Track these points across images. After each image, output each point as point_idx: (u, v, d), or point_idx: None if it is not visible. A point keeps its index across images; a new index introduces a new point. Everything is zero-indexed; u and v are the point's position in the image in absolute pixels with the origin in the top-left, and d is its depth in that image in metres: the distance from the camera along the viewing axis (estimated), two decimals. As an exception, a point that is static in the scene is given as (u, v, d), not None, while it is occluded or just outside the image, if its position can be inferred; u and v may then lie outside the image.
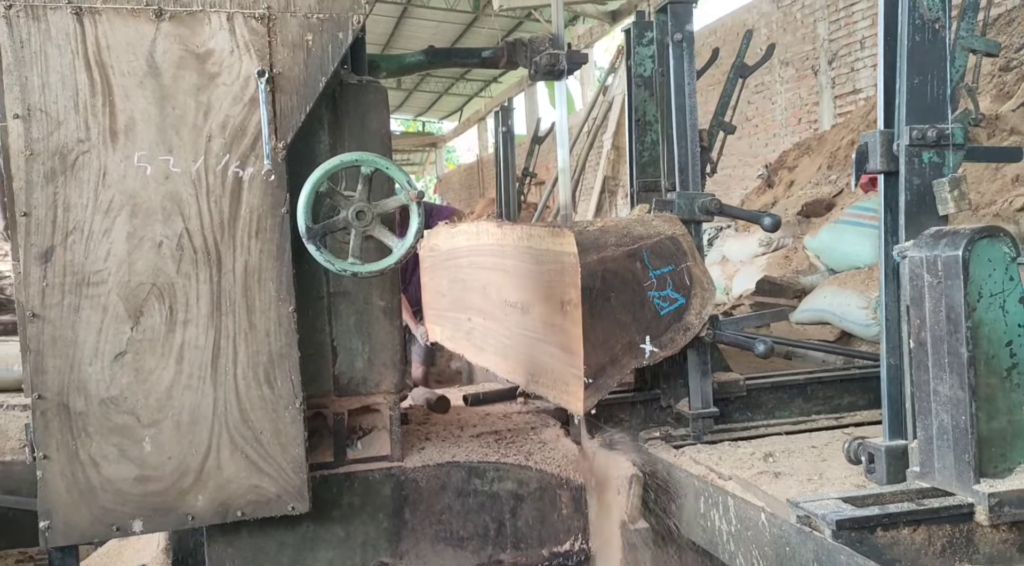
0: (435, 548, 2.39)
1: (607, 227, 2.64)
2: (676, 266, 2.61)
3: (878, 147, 2.04)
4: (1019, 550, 1.87)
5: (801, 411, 3.02)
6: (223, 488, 2.06)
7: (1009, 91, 4.94)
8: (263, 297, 2.09)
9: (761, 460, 2.50)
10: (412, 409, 3.22)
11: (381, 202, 2.15)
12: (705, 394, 2.75)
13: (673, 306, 2.60)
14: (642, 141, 3.42)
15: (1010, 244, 1.87)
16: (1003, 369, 1.86)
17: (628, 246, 2.56)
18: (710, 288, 2.66)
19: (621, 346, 2.57)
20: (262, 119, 2.07)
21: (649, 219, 2.72)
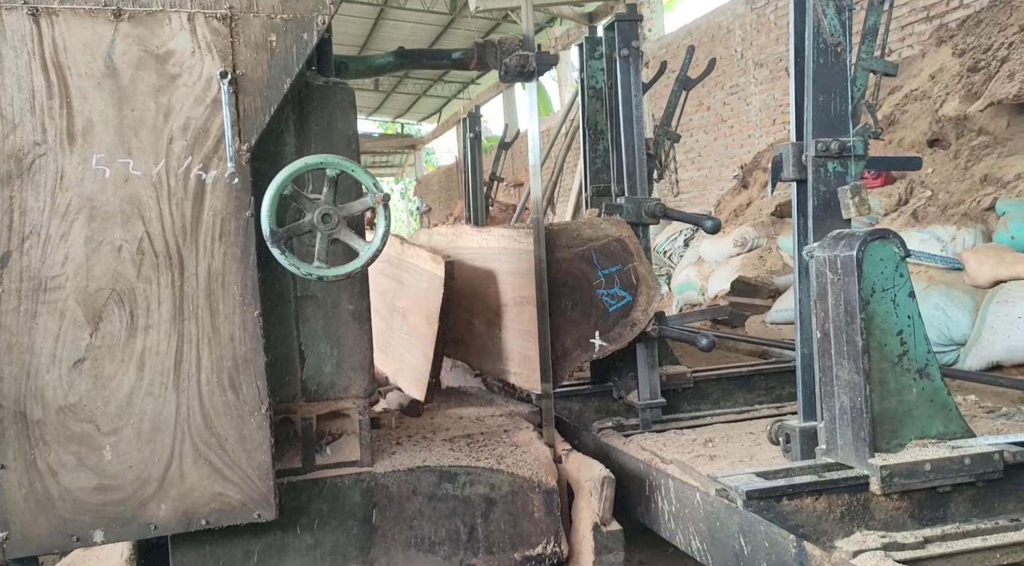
0: (406, 554, 2.36)
1: (558, 230, 2.79)
2: (623, 266, 2.81)
3: (790, 157, 2.25)
4: (910, 517, 2.04)
5: (745, 401, 3.24)
6: (186, 496, 2.02)
7: (977, 92, 5.00)
8: (227, 301, 2.06)
9: (701, 445, 2.69)
10: (384, 413, 3.19)
11: (347, 205, 2.13)
12: (653, 386, 2.97)
13: (620, 303, 2.80)
14: (595, 149, 3.59)
15: (899, 245, 2.07)
16: (894, 356, 2.07)
17: (578, 247, 2.77)
18: (655, 286, 2.84)
19: (572, 340, 2.83)
20: (225, 121, 2.03)
21: (598, 222, 2.89)
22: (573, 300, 2.74)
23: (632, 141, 2.94)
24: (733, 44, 10.16)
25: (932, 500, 2.06)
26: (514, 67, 2.81)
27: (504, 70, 2.86)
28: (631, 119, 2.95)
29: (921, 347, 2.09)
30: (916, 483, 2.01)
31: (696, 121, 11.03)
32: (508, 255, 3.08)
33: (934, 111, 5.28)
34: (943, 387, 2.11)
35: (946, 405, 2.11)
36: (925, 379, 2.09)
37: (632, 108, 2.95)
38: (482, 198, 3.87)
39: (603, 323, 2.76)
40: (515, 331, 3.07)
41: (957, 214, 4.40)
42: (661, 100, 7.09)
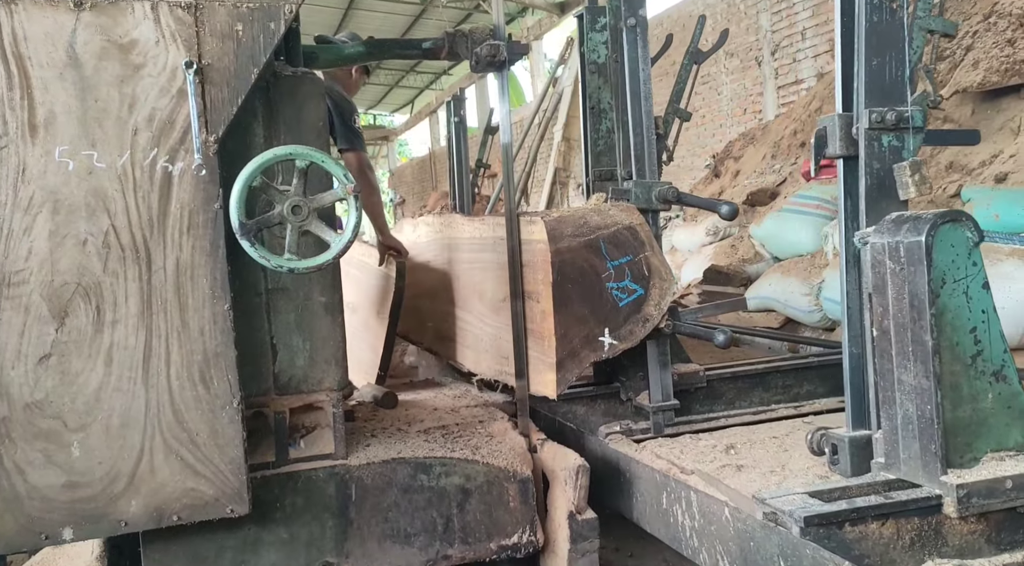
0: (382, 546, 2.36)
1: (563, 217, 2.54)
2: (634, 256, 2.56)
3: (837, 131, 1.96)
4: (987, 541, 1.82)
5: (761, 401, 2.98)
6: (157, 492, 2.00)
7: (943, 80, 5.08)
8: (196, 295, 2.03)
9: (723, 453, 2.44)
10: (359, 406, 3.18)
11: (318, 196, 2.11)
12: (665, 386, 2.70)
13: (632, 297, 2.55)
14: (597, 130, 3.33)
15: (973, 229, 1.83)
16: (967, 356, 1.81)
17: (585, 236, 2.51)
18: (669, 278, 2.59)
19: (579, 339, 2.52)
20: (191, 112, 2.00)
21: (606, 209, 2.64)
22: (580, 294, 2.50)
23: (640, 120, 2.66)
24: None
25: (1012, 522, 1.82)
26: (484, 57, 2.79)
27: (475, 60, 2.84)
28: (639, 95, 2.68)
29: (997, 346, 1.84)
30: (995, 504, 1.77)
31: (668, 111, 11.06)
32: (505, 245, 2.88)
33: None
34: (1021, 391, 1.86)
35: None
36: (1002, 382, 1.84)
37: (640, 83, 2.68)
38: (468, 186, 3.68)
39: (613, 319, 2.53)
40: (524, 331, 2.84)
41: (923, 201, 4.47)
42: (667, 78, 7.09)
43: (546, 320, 2.53)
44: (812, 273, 5.11)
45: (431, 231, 3.83)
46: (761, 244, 6.02)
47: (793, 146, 7.02)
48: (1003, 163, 4.19)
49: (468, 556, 2.43)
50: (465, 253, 3.32)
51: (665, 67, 7.61)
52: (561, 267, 2.47)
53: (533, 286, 2.63)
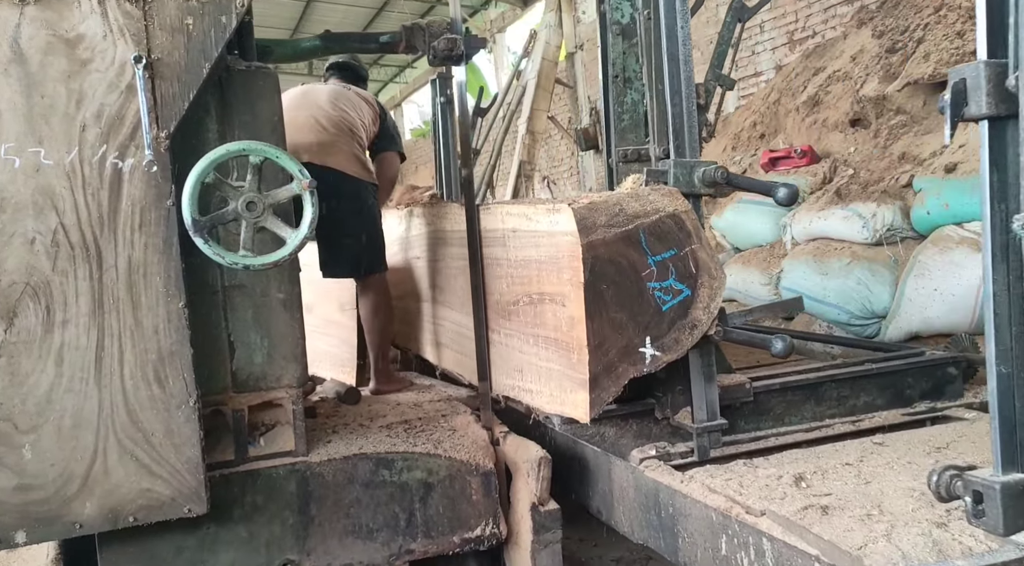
0: (344, 542, 2.36)
1: (595, 203, 2.15)
2: (679, 250, 2.17)
3: (983, 84, 1.45)
4: None
5: (814, 415, 2.60)
6: (112, 493, 1.97)
7: (895, 72, 5.18)
8: (150, 293, 2.01)
9: (793, 486, 2.02)
10: (320, 402, 3.16)
11: (272, 192, 2.10)
12: (711, 403, 2.29)
13: (677, 299, 2.17)
14: (621, 102, 2.83)
15: None
16: None
17: (622, 227, 2.11)
18: (719, 276, 2.22)
19: (617, 351, 2.13)
20: (141, 107, 1.98)
21: (645, 193, 2.23)
22: (617, 296, 2.10)
23: (680, 88, 2.24)
24: None
25: None
26: (442, 50, 2.79)
27: (432, 53, 2.84)
28: (677, 59, 2.25)
29: None
30: None
31: (631, 103, 11.12)
32: (520, 239, 2.45)
33: (855, 91, 5.45)
34: None
35: None
36: None
37: (679, 44, 2.25)
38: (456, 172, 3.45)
39: (656, 326, 2.15)
40: (530, 338, 2.46)
41: (877, 191, 4.56)
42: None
43: (575, 328, 2.15)
44: (771, 263, 5.19)
45: (422, 224, 3.49)
46: (722, 235, 6.10)
47: (753, 138, 7.11)
48: (952, 153, 4.30)
49: (431, 550, 2.44)
50: (463, 247, 2.96)
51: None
52: (594, 264, 2.08)
53: (556, 287, 2.25)
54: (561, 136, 12.20)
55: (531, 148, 13.00)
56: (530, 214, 2.38)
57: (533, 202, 2.38)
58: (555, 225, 2.21)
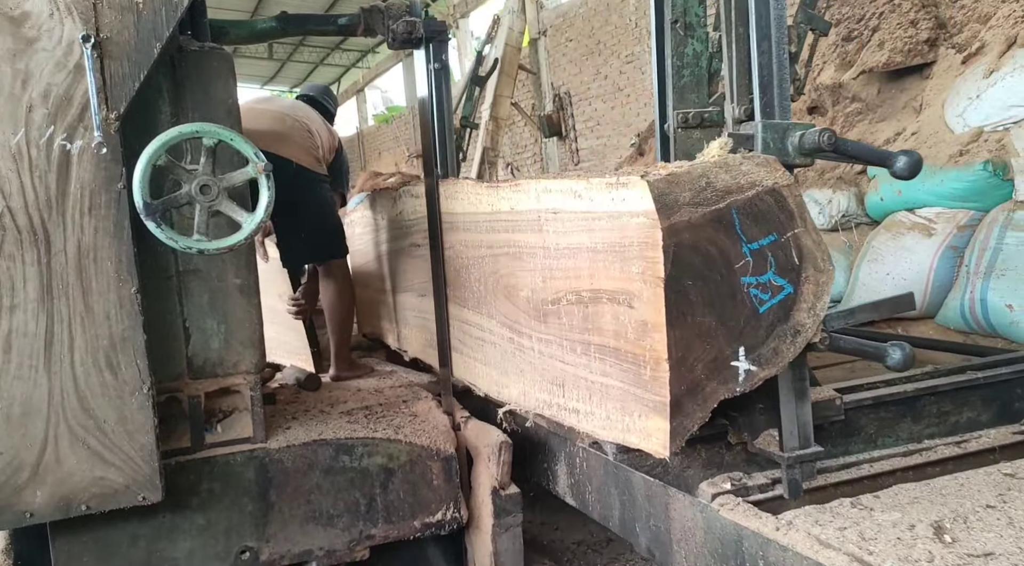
0: (304, 528, 2.34)
1: (676, 174, 1.71)
2: (780, 235, 1.73)
3: None
4: None
5: (910, 435, 2.24)
6: (64, 482, 1.94)
7: (851, 60, 5.26)
8: (100, 278, 1.96)
9: (933, 539, 1.59)
10: (280, 389, 3.14)
11: (228, 175, 2.06)
12: (804, 426, 1.87)
13: (777, 298, 1.74)
14: (680, 54, 2.33)
15: None
16: None
17: (711, 205, 1.67)
18: (826, 268, 1.78)
19: (704, 365, 1.70)
20: (90, 87, 1.92)
21: (736, 162, 1.78)
22: (704, 295, 1.67)
23: (768, 30, 1.81)
24: (628, 13, 10.30)
25: None
26: (401, 34, 2.77)
27: (391, 36, 2.81)
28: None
29: None
30: None
31: (594, 90, 11.16)
32: (565, 222, 1.99)
33: (813, 79, 5.53)
34: None
35: None
36: None
37: None
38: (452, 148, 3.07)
39: (751, 333, 1.71)
40: (577, 345, 2.01)
41: (833, 178, 4.64)
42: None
43: (649, 336, 1.71)
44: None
45: (419, 204, 3.02)
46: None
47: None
48: (906, 140, 4.38)
49: (392, 535, 2.44)
50: (479, 234, 2.47)
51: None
52: (678, 254, 1.64)
53: (619, 283, 1.80)
54: (525, 123, 12.18)
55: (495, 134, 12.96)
56: (580, 190, 1.90)
57: (585, 175, 1.93)
58: (620, 203, 1.74)
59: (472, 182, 2.52)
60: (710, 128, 2.35)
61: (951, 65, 4.66)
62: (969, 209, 3.96)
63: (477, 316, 2.58)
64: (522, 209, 2.18)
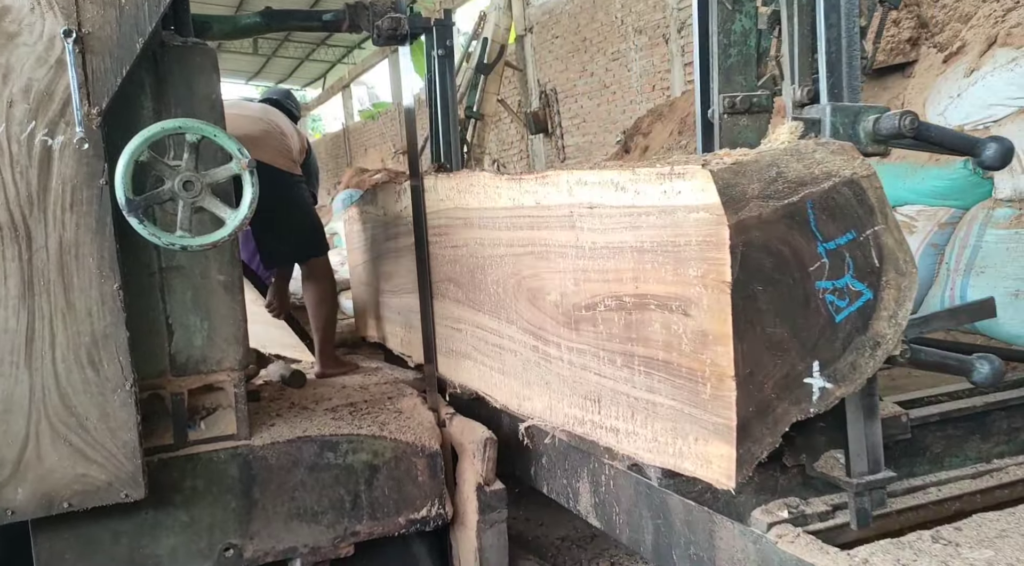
0: (288, 525, 2.34)
1: (742, 163, 1.51)
2: (859, 233, 1.55)
3: None
4: None
5: (979, 454, 2.05)
6: (45, 479, 1.93)
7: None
8: (82, 274, 1.95)
9: None
10: (265, 385, 3.13)
11: (211, 172, 2.05)
12: (873, 448, 1.67)
13: (855, 305, 1.55)
14: (727, 31, 2.10)
15: None
16: None
17: (783, 198, 1.48)
18: (909, 271, 1.59)
19: (774, 383, 1.50)
20: (71, 83, 1.91)
21: (808, 149, 1.58)
22: (774, 303, 1.48)
23: (837, 3, 1.66)
24: (614, 11, 10.31)
25: None
26: (386, 30, 2.77)
27: (376, 33, 2.81)
28: None
29: None
30: None
31: (580, 87, 11.18)
32: (603, 218, 1.78)
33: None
34: None
35: None
36: None
37: None
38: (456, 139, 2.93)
39: (826, 345, 1.53)
40: (617, 356, 1.79)
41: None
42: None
43: (710, 349, 1.51)
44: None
45: (435, 199, 2.76)
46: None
47: (699, 123, 7.20)
48: (889, 139, 4.41)
49: (377, 531, 2.45)
50: (497, 231, 2.26)
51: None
52: (747, 254, 1.44)
53: (672, 287, 1.59)
54: (511, 119, 12.18)
55: (481, 131, 12.93)
56: (624, 182, 1.69)
57: (629, 165, 1.71)
58: (674, 197, 1.54)
59: (490, 174, 2.29)
60: (758, 114, 2.13)
61: (932, 64, 4.70)
62: (950, 207, 4.00)
63: (494, 321, 2.36)
64: (550, 204, 1.97)
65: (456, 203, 2.54)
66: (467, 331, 2.60)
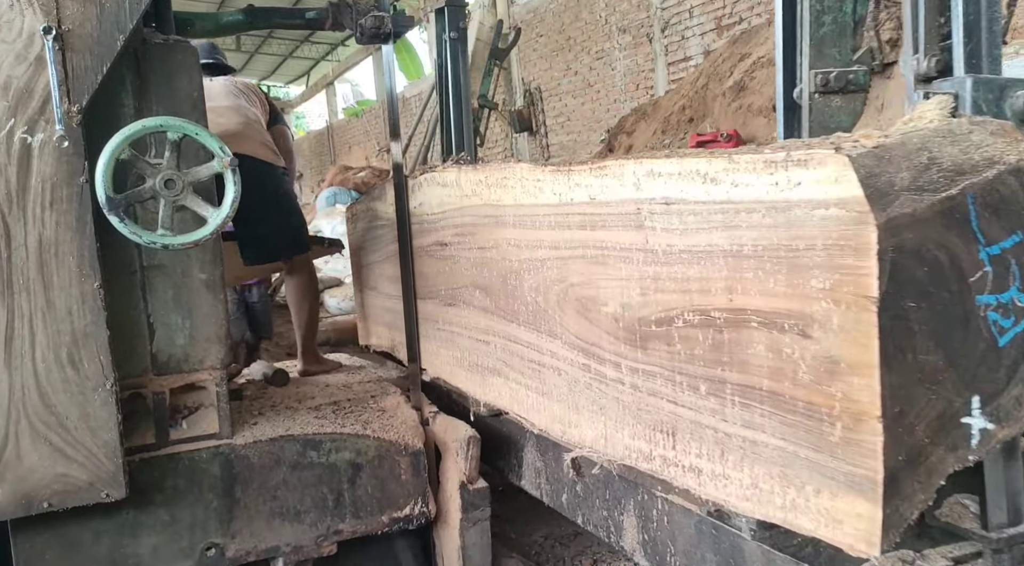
0: (270, 524, 2.34)
1: (887, 147, 1.22)
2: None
3: None
4: None
5: None
6: (25, 479, 1.92)
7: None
8: (62, 273, 1.94)
9: None
10: (247, 384, 3.12)
11: (193, 170, 2.05)
12: (1014, 495, 1.41)
13: (1021, 325, 1.28)
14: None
15: None
16: None
17: (939, 190, 1.20)
18: None
19: (927, 425, 1.21)
20: (51, 80, 1.90)
21: (962, 129, 1.32)
22: (928, 323, 1.20)
23: None
24: (598, 10, 10.34)
25: None
26: (369, 28, 2.75)
27: (359, 31, 2.80)
28: None
29: None
30: None
31: (564, 86, 11.20)
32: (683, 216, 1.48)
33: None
34: None
35: None
36: None
37: None
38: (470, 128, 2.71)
39: (988, 375, 1.25)
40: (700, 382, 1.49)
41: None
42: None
43: (842, 380, 1.22)
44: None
45: (458, 195, 2.44)
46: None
47: (682, 121, 7.24)
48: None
49: (360, 530, 2.45)
50: (538, 231, 1.98)
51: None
52: (897, 262, 1.16)
53: (787, 301, 1.29)
54: (495, 118, 12.18)
55: (465, 129, 12.88)
56: (715, 172, 1.40)
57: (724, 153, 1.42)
58: (791, 189, 1.25)
59: (529, 166, 2.01)
60: (853, 93, 1.85)
61: (912, 65, 4.75)
62: (929, 207, 4.04)
63: (532, 334, 2.08)
64: (610, 199, 1.68)
65: (485, 199, 2.25)
66: (496, 344, 2.29)
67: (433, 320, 2.75)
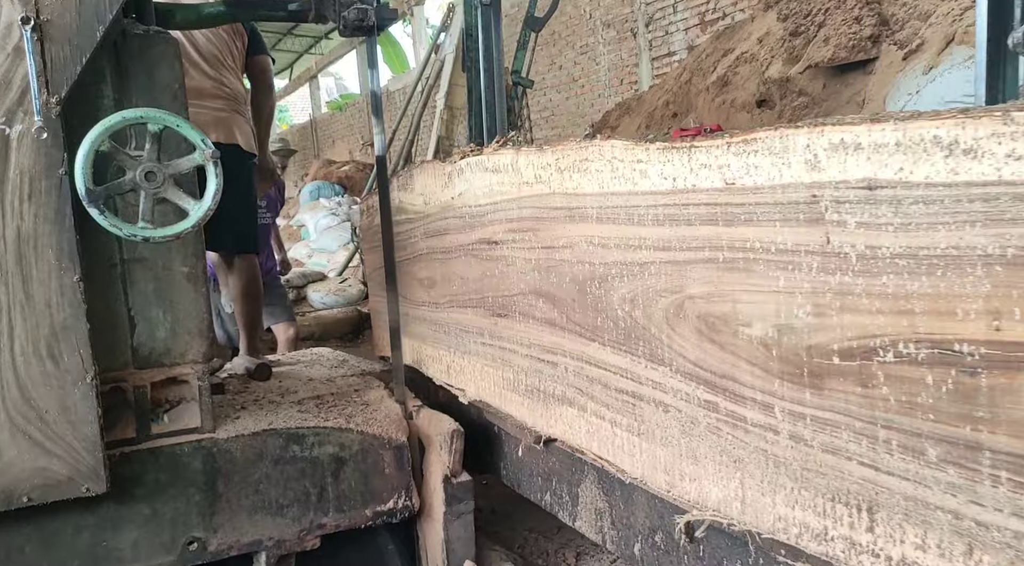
0: (253, 518, 2.33)
1: None
2: None
3: None
4: None
5: None
6: (4, 473, 1.90)
7: (798, 55, 5.38)
8: (41, 266, 1.92)
9: None
10: (230, 379, 3.11)
11: (174, 162, 2.03)
12: None
13: None
14: None
15: None
16: None
17: None
18: None
19: None
20: (30, 71, 1.88)
21: None
22: None
23: None
24: (582, 4, 10.34)
25: None
26: (352, 21, 2.74)
27: (342, 24, 2.78)
28: None
29: None
30: None
31: (549, 80, 11.19)
32: (907, 205, 1.07)
33: (761, 73, 5.64)
34: None
35: None
36: None
37: None
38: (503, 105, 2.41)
39: None
40: (930, 444, 1.10)
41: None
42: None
43: None
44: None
45: (514, 182, 2.06)
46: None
47: (666, 116, 7.27)
48: (851, 135, 4.49)
49: (343, 524, 2.44)
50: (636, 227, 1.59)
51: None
52: None
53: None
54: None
55: (449, 123, 12.90)
56: (969, 140, 0.99)
57: (988, 111, 0.97)
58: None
59: (625, 143, 1.58)
60: None
61: (893, 61, 4.79)
62: (909, 202, 4.08)
63: (623, 357, 1.70)
64: (762, 184, 1.29)
65: (555, 187, 1.85)
66: (567, 367, 1.92)
67: (475, 333, 2.37)
